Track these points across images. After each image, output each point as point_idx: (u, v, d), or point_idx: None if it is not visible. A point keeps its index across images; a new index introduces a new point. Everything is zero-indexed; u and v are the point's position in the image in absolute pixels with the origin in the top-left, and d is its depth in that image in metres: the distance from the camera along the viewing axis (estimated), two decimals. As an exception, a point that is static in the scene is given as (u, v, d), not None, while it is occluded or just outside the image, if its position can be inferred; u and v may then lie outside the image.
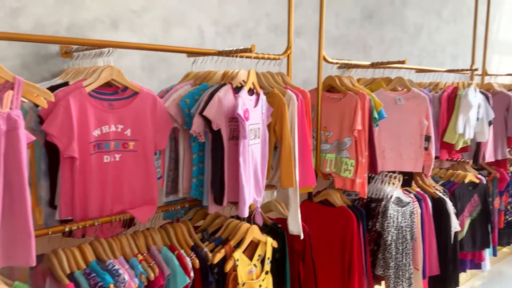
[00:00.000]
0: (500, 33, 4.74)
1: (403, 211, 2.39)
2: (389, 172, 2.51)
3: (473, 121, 2.78)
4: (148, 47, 1.85)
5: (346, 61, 2.64)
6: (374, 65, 2.64)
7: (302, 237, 1.96)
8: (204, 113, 1.57)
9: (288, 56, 2.14)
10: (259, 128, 1.73)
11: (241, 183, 1.61)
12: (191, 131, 1.59)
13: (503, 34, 4.79)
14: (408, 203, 2.43)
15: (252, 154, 1.69)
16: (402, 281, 2.37)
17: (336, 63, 2.60)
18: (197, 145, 1.67)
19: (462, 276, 3.31)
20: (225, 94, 1.62)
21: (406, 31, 3.50)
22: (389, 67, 2.71)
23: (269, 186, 1.97)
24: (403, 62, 2.52)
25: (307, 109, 1.97)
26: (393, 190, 2.42)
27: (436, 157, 2.74)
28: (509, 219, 3.59)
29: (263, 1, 2.52)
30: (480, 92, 2.90)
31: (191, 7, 2.21)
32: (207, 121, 1.59)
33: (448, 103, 2.77)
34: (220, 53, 1.83)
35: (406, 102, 2.49)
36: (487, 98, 2.94)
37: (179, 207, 1.73)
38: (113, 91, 1.54)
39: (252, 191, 1.70)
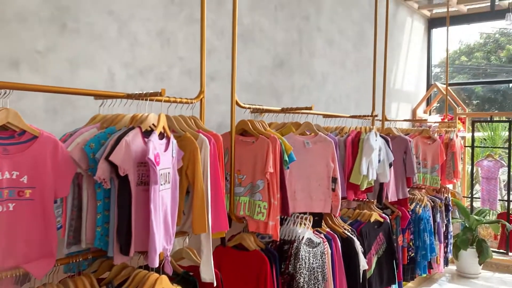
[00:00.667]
0: (397, 83, 5.24)
1: (314, 252, 2.44)
2: (300, 213, 2.57)
3: (375, 163, 2.98)
4: (51, 89, 1.75)
5: (258, 106, 2.73)
6: (284, 110, 2.75)
7: (215, 284, 1.91)
8: (110, 158, 1.50)
9: (201, 100, 2.15)
10: (169, 173, 1.70)
11: (151, 230, 1.55)
12: (96, 177, 1.52)
13: (399, 84, 5.29)
14: (319, 243, 2.50)
15: (162, 200, 1.64)
16: (316, 323, 2.39)
17: (249, 108, 2.68)
18: (103, 191, 1.59)
19: (372, 313, 3.43)
20: (133, 138, 1.58)
21: (314, 79, 3.72)
22: (298, 113, 2.85)
23: (180, 233, 1.92)
24: (310, 108, 2.68)
25: (219, 152, 1.98)
26: (305, 231, 2.47)
27: (344, 198, 2.87)
28: (412, 255, 3.83)
29: (176, 45, 2.55)
30: (381, 136, 3.13)
31: (100, 49, 2.16)
32: (114, 167, 1.53)
33: (352, 147, 2.95)
34: (129, 96, 1.80)
35: (314, 146, 2.61)
36: (387, 141, 3.18)
37: (82, 259, 1.61)
38: (9, 135, 1.43)
39: (162, 239, 1.64)
